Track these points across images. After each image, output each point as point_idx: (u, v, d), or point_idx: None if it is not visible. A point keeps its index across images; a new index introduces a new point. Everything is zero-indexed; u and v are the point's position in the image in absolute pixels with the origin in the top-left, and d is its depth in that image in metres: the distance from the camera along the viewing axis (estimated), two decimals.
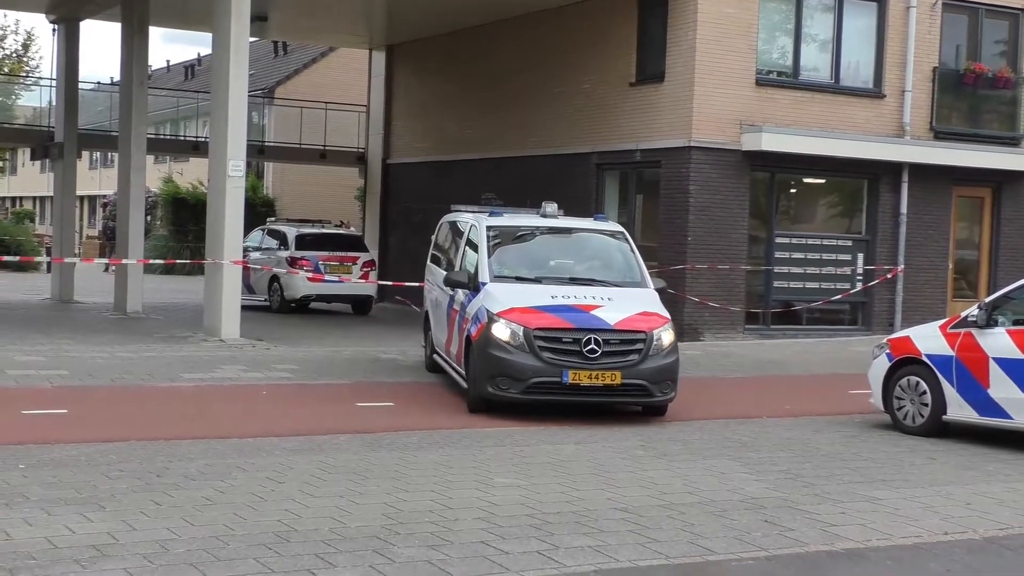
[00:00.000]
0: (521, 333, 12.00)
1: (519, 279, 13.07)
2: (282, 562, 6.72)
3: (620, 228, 14.44)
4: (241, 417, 11.97)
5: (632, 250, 13.82)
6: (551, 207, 14.16)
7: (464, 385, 12.89)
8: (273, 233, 26.56)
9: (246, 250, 22.72)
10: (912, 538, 7.85)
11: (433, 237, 16.32)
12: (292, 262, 24.81)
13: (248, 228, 23.02)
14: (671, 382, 12.32)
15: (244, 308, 19.39)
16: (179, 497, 8.21)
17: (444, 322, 14.24)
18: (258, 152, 35.32)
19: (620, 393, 12.13)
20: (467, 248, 14.08)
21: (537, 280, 13.08)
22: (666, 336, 12.33)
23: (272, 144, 37.48)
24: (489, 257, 13.24)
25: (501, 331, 12.10)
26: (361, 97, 32.58)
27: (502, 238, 13.73)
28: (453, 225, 15.31)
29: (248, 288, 24.29)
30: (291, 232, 25.87)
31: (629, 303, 12.66)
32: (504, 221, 13.99)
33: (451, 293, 13.81)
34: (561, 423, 11.91)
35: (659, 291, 13.27)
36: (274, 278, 24.98)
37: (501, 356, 12.00)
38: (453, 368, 13.69)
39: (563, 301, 12.39)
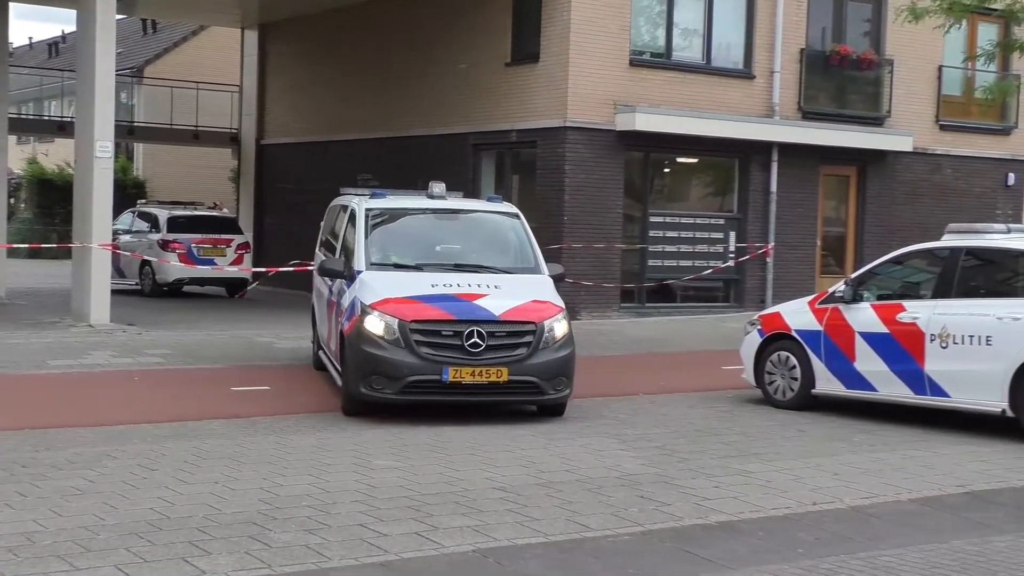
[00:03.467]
0: (396, 326, 10.94)
1: (398, 266, 12.08)
2: (155, 551, 6.59)
3: (514, 209, 13.19)
4: (111, 404, 11.72)
5: (526, 233, 12.71)
6: (438, 187, 13.00)
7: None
8: (144, 215, 26.03)
9: (116, 233, 22.22)
10: (783, 509, 8.03)
11: (322, 223, 15.08)
12: (164, 245, 24.35)
13: (118, 210, 22.52)
14: (565, 378, 11.29)
15: (114, 292, 18.97)
16: (46, 488, 8.00)
17: (324, 315, 13.27)
18: (127, 133, 34.52)
19: (508, 391, 11.14)
20: (347, 234, 12.94)
21: (418, 267, 12.03)
22: (559, 327, 11.30)
23: (142, 124, 36.65)
24: (366, 242, 12.17)
25: (374, 324, 11.04)
26: (234, 77, 32.04)
27: (383, 221, 12.62)
28: (340, 209, 14.05)
29: (118, 272, 23.74)
30: (163, 214, 25.40)
31: (519, 291, 11.63)
32: (385, 203, 12.83)
33: (330, 284, 12.82)
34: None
35: (555, 277, 12.22)
36: (145, 261, 24.48)
37: (374, 353, 10.92)
38: (333, 366, 12.62)
39: (444, 290, 11.35)
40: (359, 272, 11.82)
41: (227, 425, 10.64)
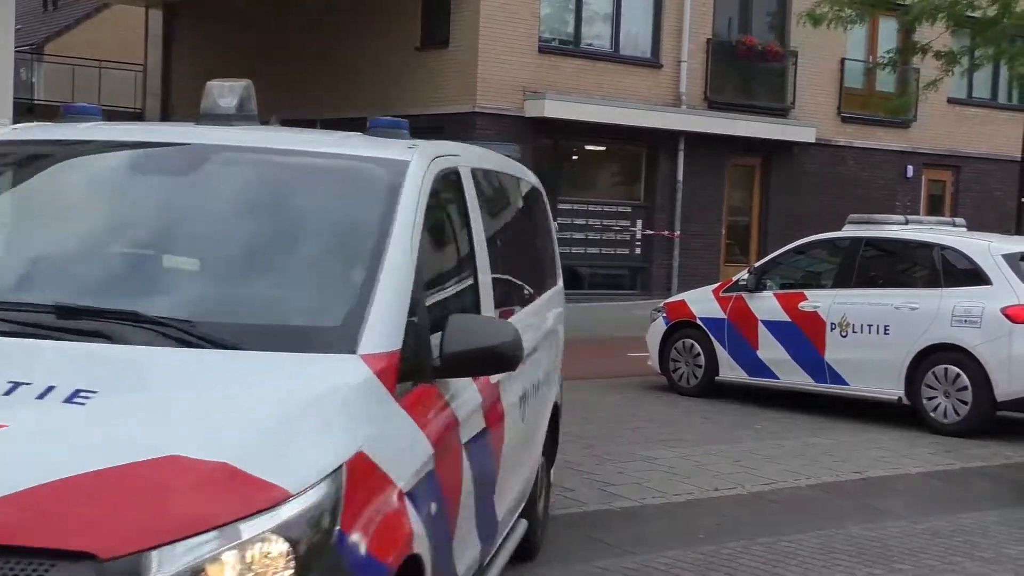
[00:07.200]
0: None
1: None
2: None
3: (404, 153, 4.60)
4: None
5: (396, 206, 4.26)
6: (228, 94, 4.52)
7: None
8: None
9: None
10: (685, 495, 8.12)
11: None
12: None
13: None
14: None
15: None
16: None
17: None
18: (27, 111, 33.61)
19: None
20: None
21: None
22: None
23: (42, 103, 35.85)
24: None
25: None
26: (138, 56, 31.48)
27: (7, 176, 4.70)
28: None
29: None
30: None
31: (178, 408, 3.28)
32: (35, 132, 5.00)
33: None
34: None
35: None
36: None
37: None
38: None
39: None
40: None
41: None
